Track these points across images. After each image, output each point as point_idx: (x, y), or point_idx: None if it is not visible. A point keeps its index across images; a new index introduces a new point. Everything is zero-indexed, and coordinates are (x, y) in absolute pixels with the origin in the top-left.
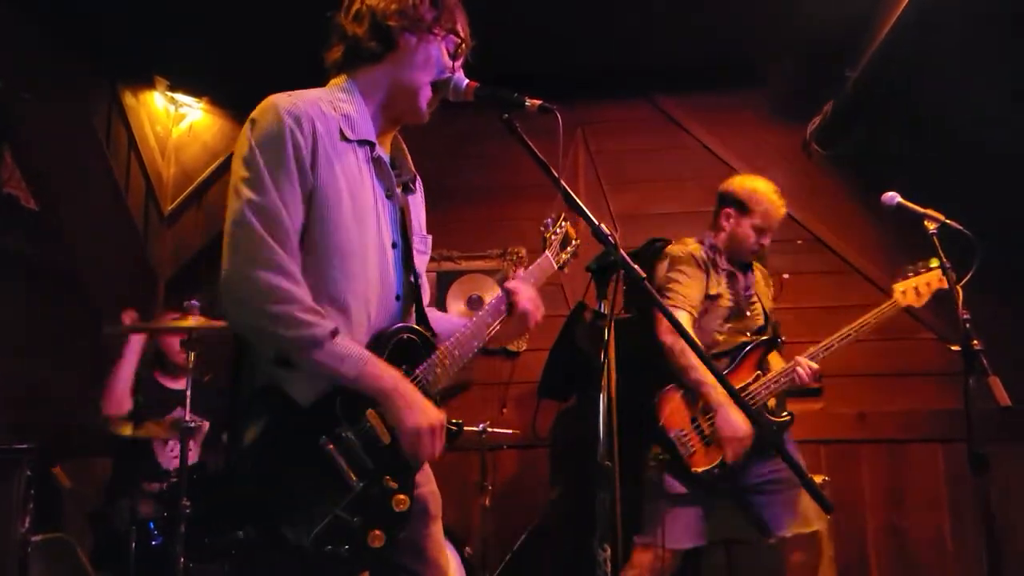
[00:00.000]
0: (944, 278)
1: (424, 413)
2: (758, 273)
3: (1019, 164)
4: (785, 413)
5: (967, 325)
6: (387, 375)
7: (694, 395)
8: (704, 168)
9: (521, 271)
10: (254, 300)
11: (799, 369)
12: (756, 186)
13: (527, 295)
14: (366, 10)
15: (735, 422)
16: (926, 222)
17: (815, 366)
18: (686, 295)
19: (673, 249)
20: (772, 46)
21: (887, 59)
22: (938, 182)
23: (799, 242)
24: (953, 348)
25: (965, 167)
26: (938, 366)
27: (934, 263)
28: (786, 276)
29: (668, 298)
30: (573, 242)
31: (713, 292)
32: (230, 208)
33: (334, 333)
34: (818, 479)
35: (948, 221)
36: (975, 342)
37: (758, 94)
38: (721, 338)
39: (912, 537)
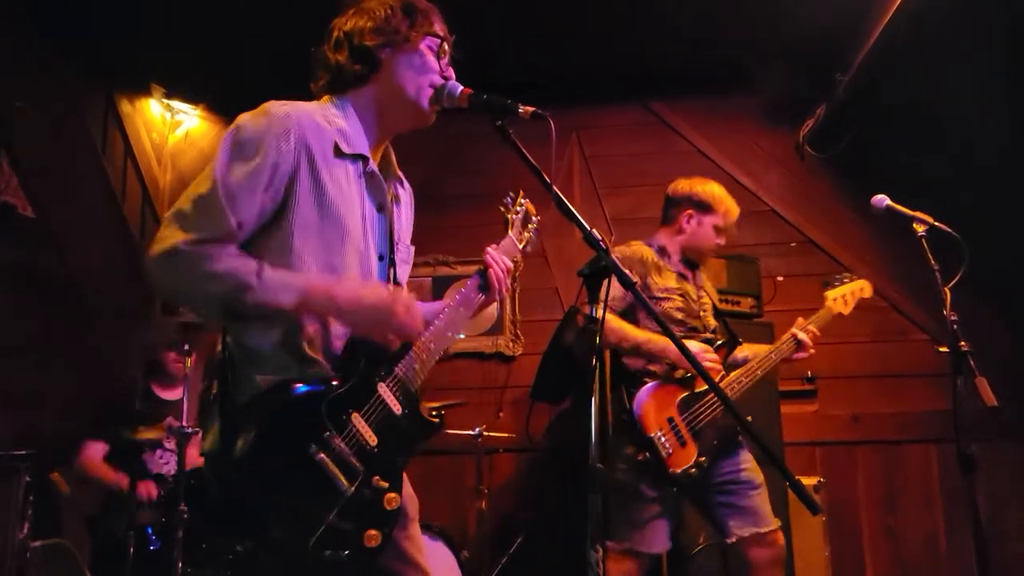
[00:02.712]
0: (868, 288)
1: (379, 316)
2: (704, 274)
3: (1007, 166)
4: (749, 417)
5: (955, 327)
6: (325, 292)
7: (667, 395)
8: (698, 172)
9: (492, 247)
10: (177, 268)
11: (800, 336)
12: (714, 189)
13: (501, 265)
14: (343, 36)
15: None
16: (915, 224)
17: (816, 332)
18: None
19: (618, 249)
20: (764, 50)
21: (877, 63)
22: (927, 184)
23: (792, 244)
24: (941, 350)
25: (954, 169)
26: (931, 367)
27: (853, 275)
28: (780, 278)
29: None
30: (534, 219)
31: (660, 294)
32: (183, 195)
33: (260, 270)
34: (813, 480)
35: (936, 223)
36: (963, 343)
37: (750, 98)
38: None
39: (907, 537)
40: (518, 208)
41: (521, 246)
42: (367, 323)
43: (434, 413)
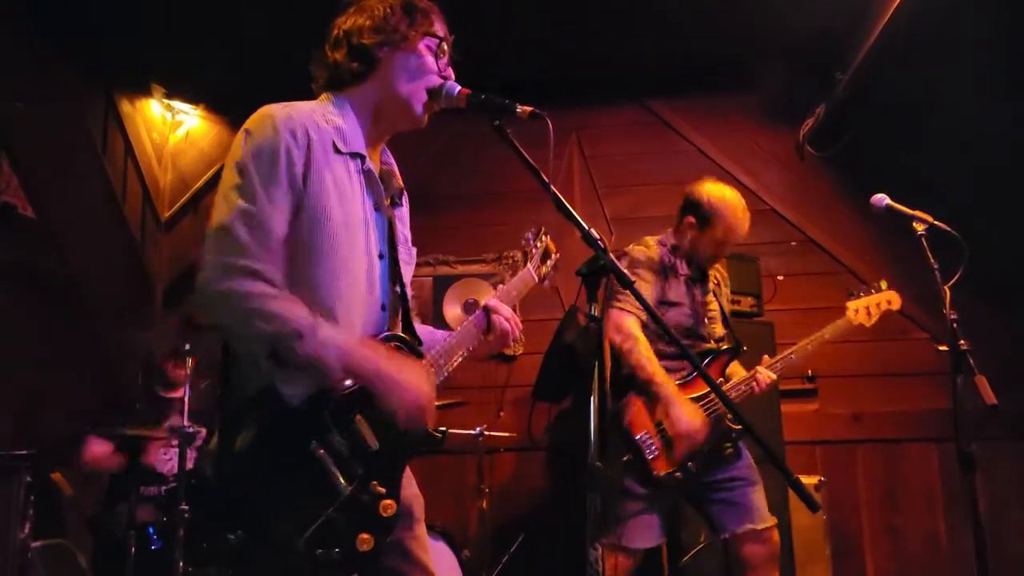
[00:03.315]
0: (896, 300)
1: (408, 392)
2: (716, 275)
3: (1007, 165)
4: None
5: (954, 325)
6: (370, 361)
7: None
8: (698, 171)
9: (501, 286)
10: (233, 301)
11: (758, 377)
12: (724, 198)
13: (504, 314)
14: (342, 35)
15: (686, 417)
16: (914, 223)
17: (774, 376)
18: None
19: (634, 250)
20: (764, 49)
21: (877, 62)
22: (927, 184)
23: (792, 243)
24: (941, 348)
25: (954, 169)
26: (932, 366)
27: (884, 284)
28: (780, 277)
29: (618, 300)
30: (553, 256)
31: (672, 299)
32: (216, 212)
33: (315, 323)
34: (813, 479)
35: (936, 222)
36: (962, 342)
37: (750, 97)
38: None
39: (907, 536)
40: (538, 244)
41: (538, 279)
42: (397, 402)
43: (438, 429)
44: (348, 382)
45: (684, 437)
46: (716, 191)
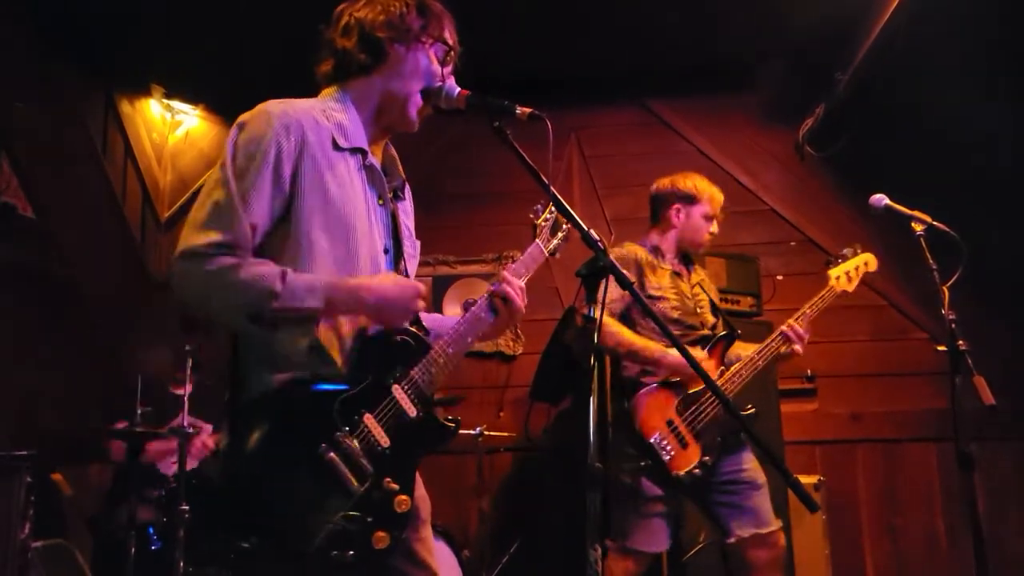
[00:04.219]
0: (872, 261)
1: (401, 305)
2: (702, 271)
3: (1007, 165)
4: (749, 406)
5: (953, 326)
6: (348, 296)
7: (665, 397)
8: (698, 171)
9: (511, 264)
10: (202, 284)
11: (788, 331)
12: (696, 180)
13: (515, 287)
14: (354, 23)
15: (675, 359)
16: (913, 224)
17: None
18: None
19: (611, 250)
20: (764, 49)
21: (877, 62)
22: (927, 184)
23: (791, 243)
24: (940, 348)
25: (953, 169)
26: (931, 366)
27: (858, 248)
28: (779, 277)
29: None
30: (563, 227)
31: (655, 293)
32: (197, 202)
33: (283, 275)
34: (813, 479)
35: (935, 223)
36: (961, 342)
37: (750, 97)
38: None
39: (907, 535)
40: (548, 215)
41: (548, 252)
42: (391, 314)
43: (450, 418)
44: (345, 385)
45: (687, 375)
46: (681, 177)
